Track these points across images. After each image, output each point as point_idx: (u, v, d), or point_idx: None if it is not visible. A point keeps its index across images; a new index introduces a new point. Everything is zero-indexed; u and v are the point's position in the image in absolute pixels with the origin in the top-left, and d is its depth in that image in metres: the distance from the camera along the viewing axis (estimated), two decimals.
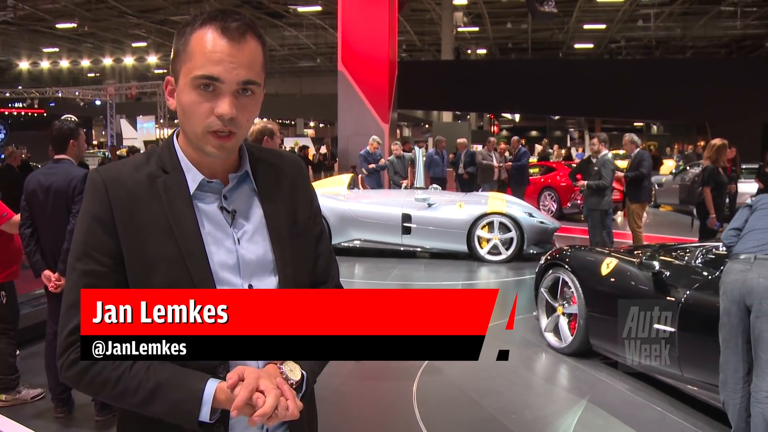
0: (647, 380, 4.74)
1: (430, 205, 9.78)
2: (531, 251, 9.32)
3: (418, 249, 9.89)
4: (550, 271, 5.62)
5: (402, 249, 9.91)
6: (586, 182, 8.80)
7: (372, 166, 12.69)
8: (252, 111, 1.36)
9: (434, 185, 11.93)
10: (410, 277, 8.93)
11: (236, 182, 1.43)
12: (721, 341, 3.59)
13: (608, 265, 5.05)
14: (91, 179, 1.38)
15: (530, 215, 9.51)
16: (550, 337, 5.61)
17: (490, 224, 9.43)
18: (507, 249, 9.35)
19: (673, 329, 4.17)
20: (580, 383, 4.99)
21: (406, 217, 9.80)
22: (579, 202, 9.68)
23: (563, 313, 5.49)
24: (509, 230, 9.33)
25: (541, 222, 9.52)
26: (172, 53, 1.38)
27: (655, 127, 43.43)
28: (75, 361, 1.28)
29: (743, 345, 3.48)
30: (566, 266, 5.38)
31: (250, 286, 1.39)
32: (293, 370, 1.36)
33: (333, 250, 1.64)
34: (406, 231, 9.81)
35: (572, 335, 5.33)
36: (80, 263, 1.33)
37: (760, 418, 3.34)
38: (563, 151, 25.00)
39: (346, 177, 11.33)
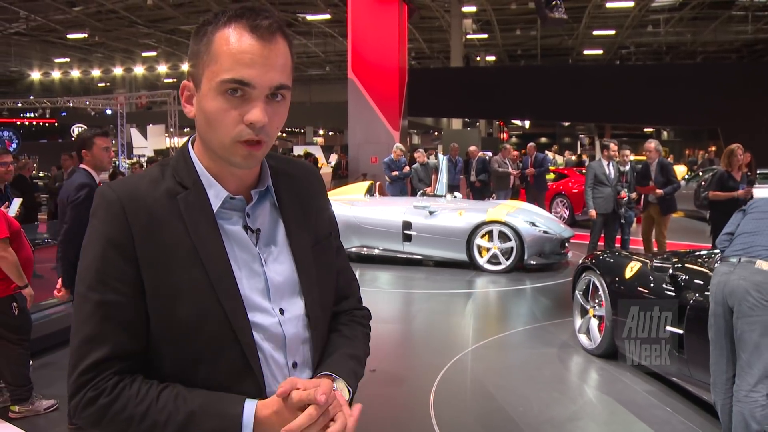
0: (667, 382, 4.83)
1: (431, 213, 9.72)
2: (531, 262, 9.15)
3: (420, 257, 9.84)
4: (584, 275, 5.82)
5: (403, 256, 9.88)
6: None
7: (395, 173, 12.72)
8: (282, 117, 1.24)
9: (457, 193, 11.90)
10: (408, 285, 8.88)
11: (257, 198, 1.31)
12: (711, 343, 3.69)
13: (632, 268, 5.23)
14: (104, 197, 1.23)
15: (533, 224, 9.25)
16: (583, 339, 5.81)
17: (491, 233, 9.33)
18: (507, 259, 9.22)
19: (681, 331, 4.32)
20: (599, 382, 5.21)
21: (407, 225, 9.76)
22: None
23: (594, 315, 5.67)
24: (510, 239, 9.19)
25: (545, 232, 9.23)
26: (189, 55, 1.24)
27: (665, 133, 43.24)
28: (93, 399, 1.16)
29: (729, 346, 3.56)
30: (597, 270, 5.56)
31: (281, 310, 1.29)
32: (343, 389, 1.29)
33: (349, 263, 1.57)
34: (407, 238, 9.77)
35: (601, 337, 5.51)
36: (95, 293, 1.19)
37: (740, 417, 3.41)
38: (573, 158, 24.90)
39: (364, 185, 11.32)
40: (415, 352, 6.21)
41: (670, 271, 4.73)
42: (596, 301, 5.65)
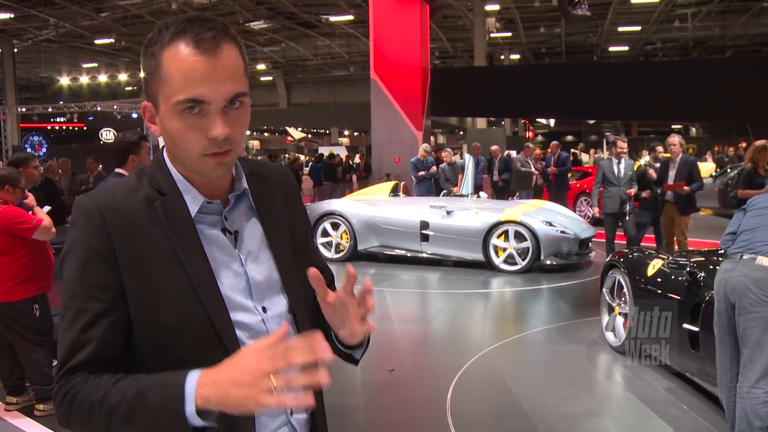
0: (688, 380, 4.82)
1: (448, 213, 9.69)
2: (548, 262, 9.05)
3: (437, 257, 9.81)
4: (610, 272, 5.84)
5: (421, 256, 9.87)
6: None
7: (422, 173, 12.74)
8: (244, 122, 1.25)
9: (482, 193, 11.86)
10: (424, 285, 8.86)
11: (234, 201, 1.33)
12: (716, 340, 3.70)
13: (654, 266, 5.24)
14: (82, 207, 1.24)
15: (549, 224, 9.14)
16: (609, 336, 5.81)
17: (507, 233, 9.26)
18: (523, 259, 9.13)
19: (696, 329, 4.33)
20: (620, 379, 5.26)
21: (425, 225, 9.74)
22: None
23: (619, 313, 5.67)
24: (526, 239, 9.10)
25: (562, 231, 9.11)
26: (143, 75, 1.23)
27: (693, 130, 42.64)
28: (63, 397, 1.17)
29: (733, 343, 3.57)
30: (622, 267, 5.58)
31: (264, 308, 1.30)
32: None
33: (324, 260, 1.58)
34: (425, 238, 9.75)
35: (626, 334, 5.50)
36: (76, 301, 1.20)
37: (742, 413, 3.42)
38: (602, 155, 24.65)
39: (389, 185, 11.34)
40: (433, 353, 6.20)
41: (688, 269, 4.72)
42: (622, 298, 5.65)
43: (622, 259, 5.75)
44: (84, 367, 1.19)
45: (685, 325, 4.45)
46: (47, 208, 4.78)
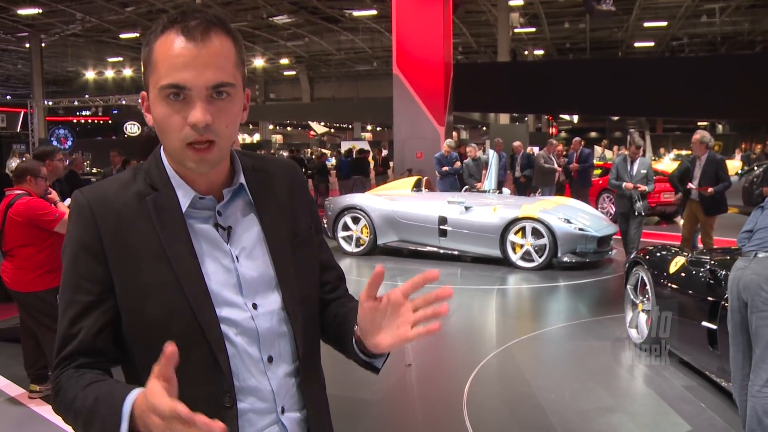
0: (708, 379, 4.79)
1: (466, 208, 9.66)
2: (565, 260, 8.97)
3: (455, 252, 9.79)
4: (634, 269, 5.83)
5: (441, 251, 9.87)
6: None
7: (445, 169, 12.72)
8: (231, 115, 1.24)
9: (505, 189, 11.81)
10: (441, 280, 8.79)
11: (231, 196, 1.33)
12: (729, 338, 3.68)
13: (676, 264, 5.22)
14: (75, 202, 1.28)
15: (567, 221, 9.04)
16: (633, 333, 5.80)
17: (524, 230, 9.20)
18: (540, 256, 9.07)
19: (715, 327, 4.31)
20: (639, 376, 5.26)
21: (443, 220, 9.72)
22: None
23: (642, 310, 5.65)
24: (543, 236, 9.05)
25: (581, 229, 9.01)
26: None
27: (720, 127, 42.10)
28: (55, 387, 1.22)
29: (746, 341, 3.55)
30: (645, 265, 5.57)
31: (255, 305, 1.29)
32: None
33: (334, 258, 1.57)
34: (443, 233, 9.73)
35: (648, 331, 5.51)
36: (68, 292, 1.24)
37: (753, 412, 3.39)
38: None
39: (411, 180, 11.34)
40: (451, 348, 6.20)
41: (708, 266, 4.69)
42: (645, 296, 5.64)
43: (646, 256, 5.73)
44: (74, 359, 1.22)
45: (704, 323, 4.44)
46: (68, 201, 4.84)
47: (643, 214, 8.49)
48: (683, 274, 5.06)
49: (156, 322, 1.22)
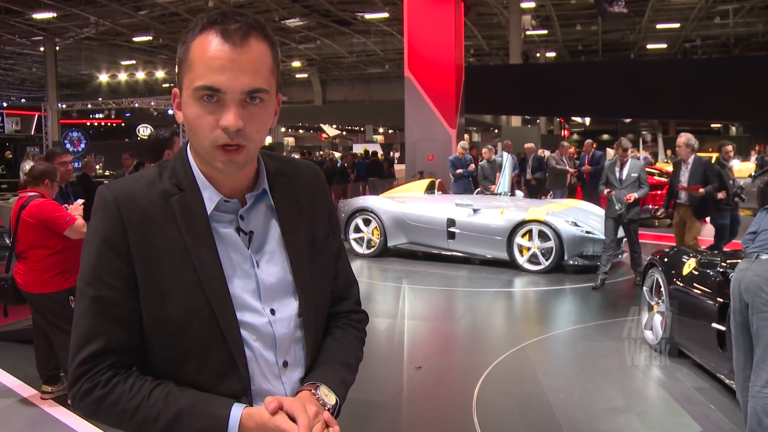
0: (720, 380, 4.79)
1: (474, 211, 9.66)
2: (572, 263, 8.92)
3: (463, 254, 9.79)
4: (650, 271, 5.86)
5: (449, 254, 9.88)
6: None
7: (459, 171, 12.70)
8: (263, 121, 1.24)
9: (518, 191, 11.77)
10: (447, 283, 8.83)
11: (253, 201, 1.33)
12: (732, 339, 3.70)
13: (689, 266, 5.25)
14: (101, 197, 1.27)
15: (575, 224, 8.99)
16: (648, 334, 5.82)
17: (531, 232, 9.17)
18: (547, 259, 9.03)
19: (723, 328, 4.31)
20: (651, 377, 5.28)
21: (451, 222, 9.72)
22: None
23: (657, 311, 5.67)
24: (549, 239, 9.00)
25: (588, 232, 8.94)
26: (177, 63, 1.28)
27: (734, 129, 41.81)
28: (88, 391, 1.22)
29: (747, 342, 3.56)
30: (660, 266, 5.59)
31: (272, 310, 1.31)
32: (328, 395, 1.30)
33: (350, 266, 1.58)
34: (451, 236, 9.73)
35: (662, 332, 5.54)
36: (90, 288, 1.24)
37: (753, 412, 3.40)
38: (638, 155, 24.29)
39: (424, 182, 11.35)
40: (460, 351, 6.19)
41: (718, 268, 4.69)
42: (660, 297, 5.65)
43: (661, 258, 5.76)
44: (103, 358, 1.23)
45: (714, 325, 4.44)
46: (81, 201, 4.86)
47: (633, 219, 8.10)
48: (695, 276, 5.08)
49: (177, 321, 1.24)
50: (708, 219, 8.51)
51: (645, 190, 8.11)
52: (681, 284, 5.17)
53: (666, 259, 5.69)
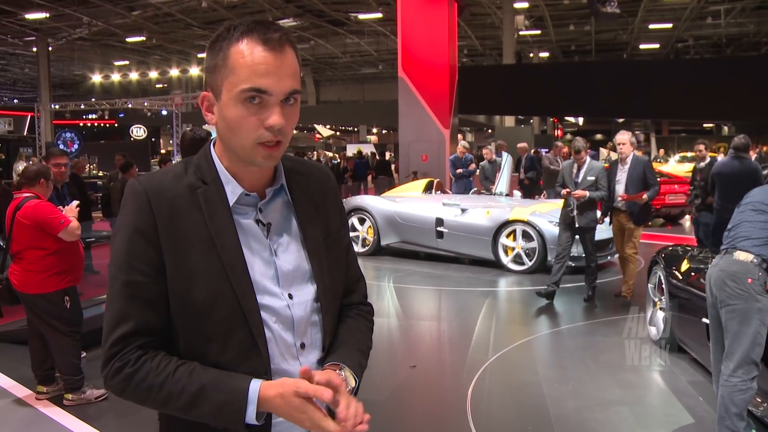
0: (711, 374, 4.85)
1: (462, 211, 9.71)
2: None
3: (451, 254, 9.86)
4: (654, 268, 5.97)
5: (439, 253, 9.95)
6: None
7: (459, 171, 12.71)
8: (296, 119, 1.38)
9: (516, 191, 11.79)
10: (430, 282, 8.85)
11: (272, 195, 1.44)
12: (710, 332, 3.88)
13: (686, 263, 5.42)
14: (132, 189, 1.37)
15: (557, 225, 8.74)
16: (652, 330, 5.93)
17: (515, 232, 9.20)
18: (530, 259, 9.05)
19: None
20: (649, 371, 5.38)
21: (439, 222, 9.79)
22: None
23: (660, 308, 5.77)
24: (533, 239, 9.02)
25: None
26: (206, 68, 1.37)
27: (726, 128, 41.99)
28: (119, 369, 1.31)
29: (721, 335, 3.70)
30: (662, 264, 5.71)
31: (290, 295, 1.41)
32: (349, 378, 1.40)
33: (357, 262, 1.67)
34: (440, 235, 9.79)
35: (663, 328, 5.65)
36: (122, 273, 1.33)
37: (721, 400, 3.58)
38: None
39: (422, 182, 11.40)
40: (454, 350, 6.21)
41: (709, 265, 4.72)
42: (662, 294, 5.76)
43: (663, 256, 5.88)
44: (133, 339, 1.32)
45: (704, 320, 4.49)
46: (76, 203, 4.86)
47: (589, 227, 7.40)
48: (689, 273, 5.23)
49: (201, 305, 1.33)
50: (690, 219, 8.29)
51: (599, 194, 7.31)
52: (679, 281, 5.30)
53: (666, 257, 5.80)
